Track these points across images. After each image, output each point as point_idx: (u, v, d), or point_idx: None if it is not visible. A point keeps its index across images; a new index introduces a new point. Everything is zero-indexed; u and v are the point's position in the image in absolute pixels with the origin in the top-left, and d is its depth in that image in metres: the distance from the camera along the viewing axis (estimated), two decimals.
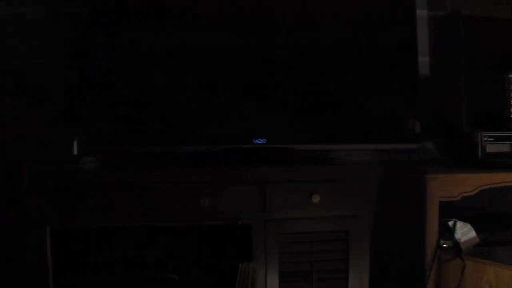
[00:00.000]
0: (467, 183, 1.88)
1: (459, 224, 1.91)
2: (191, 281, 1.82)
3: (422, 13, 2.25)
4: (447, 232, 1.90)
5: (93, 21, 1.87)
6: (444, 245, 1.88)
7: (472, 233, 1.90)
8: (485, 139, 1.95)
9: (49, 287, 1.75)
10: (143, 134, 1.88)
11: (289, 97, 1.94)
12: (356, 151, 2.16)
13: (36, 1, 2.12)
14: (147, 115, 1.89)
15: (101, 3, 1.87)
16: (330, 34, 1.97)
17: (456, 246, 1.88)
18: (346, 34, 1.97)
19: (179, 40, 1.90)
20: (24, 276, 1.73)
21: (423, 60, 2.24)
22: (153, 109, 1.89)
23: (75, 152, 1.77)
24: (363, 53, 1.98)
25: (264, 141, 1.89)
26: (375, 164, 2.11)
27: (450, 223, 1.91)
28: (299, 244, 1.83)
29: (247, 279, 1.76)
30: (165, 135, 1.89)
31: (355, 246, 1.84)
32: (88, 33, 1.87)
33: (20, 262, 1.73)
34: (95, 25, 1.87)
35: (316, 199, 1.80)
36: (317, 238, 1.83)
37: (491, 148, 1.95)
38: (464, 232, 1.90)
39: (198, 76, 1.91)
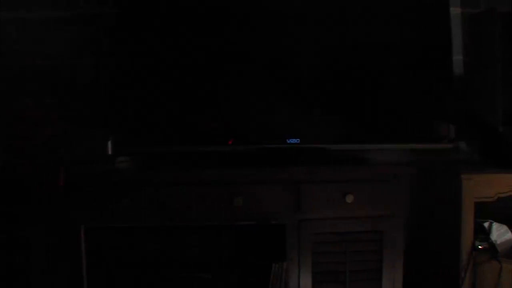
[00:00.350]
0: (504, 184, 1.85)
1: (495, 225, 1.88)
2: (224, 281, 1.82)
3: (455, 10, 2.21)
4: (483, 234, 1.88)
5: (125, 22, 1.87)
6: (480, 247, 1.85)
7: (509, 235, 1.87)
8: None
9: (83, 286, 1.75)
10: (177, 134, 1.88)
11: (323, 97, 1.92)
12: (388, 151, 2.13)
13: (72, 3, 2.13)
14: (181, 115, 1.89)
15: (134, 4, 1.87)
16: (363, 34, 1.95)
17: (492, 248, 1.85)
18: (380, 34, 1.95)
19: (212, 41, 1.89)
20: (59, 274, 1.74)
21: (457, 58, 2.20)
22: (187, 109, 1.89)
23: (110, 152, 1.77)
24: (396, 52, 1.96)
25: (297, 140, 1.88)
26: (407, 164, 2.08)
27: (486, 224, 1.88)
28: (332, 244, 1.81)
29: (280, 279, 1.76)
30: (199, 135, 1.88)
31: (389, 247, 1.82)
32: (122, 34, 1.87)
33: (55, 261, 1.75)
34: (128, 26, 1.87)
35: (350, 199, 1.78)
36: (350, 238, 1.81)
37: None
38: (501, 233, 1.87)
39: (232, 77, 1.91)
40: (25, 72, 2.13)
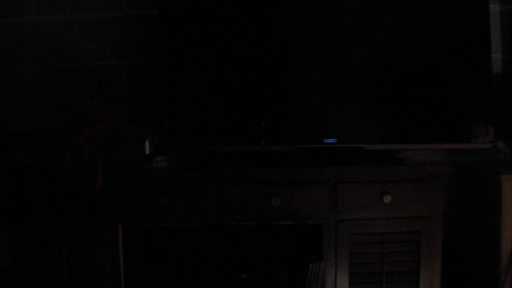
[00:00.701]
0: None
1: None
2: (260, 280, 1.81)
3: (494, 8, 2.17)
4: None
5: (166, 23, 1.88)
6: None
7: None
8: None
9: (121, 284, 1.77)
10: (214, 134, 1.88)
11: (360, 97, 1.90)
12: (425, 151, 2.10)
13: (118, 5, 2.16)
14: (218, 114, 1.89)
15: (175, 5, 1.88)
16: (402, 34, 1.92)
17: None
18: (418, 33, 1.92)
19: (251, 41, 1.89)
20: (96, 272, 1.76)
21: (496, 56, 2.16)
22: (225, 109, 1.89)
23: (147, 151, 1.78)
24: (434, 50, 1.93)
25: (335, 140, 1.86)
26: (444, 164, 2.04)
27: None
28: (369, 244, 1.79)
29: (317, 280, 1.75)
30: (236, 135, 1.88)
31: (427, 248, 1.79)
32: (163, 35, 1.88)
33: (92, 258, 1.76)
34: (168, 27, 1.88)
35: (387, 199, 1.77)
36: (387, 239, 1.79)
37: None
38: None
39: (269, 76, 1.90)
40: (74, 72, 2.17)
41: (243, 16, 1.89)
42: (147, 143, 1.77)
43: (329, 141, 1.87)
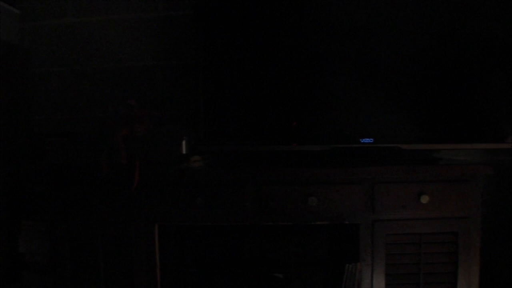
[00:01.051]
0: None
1: None
2: (296, 280, 1.80)
3: None
4: None
5: (200, 24, 1.89)
6: None
7: None
8: None
9: (157, 283, 1.77)
10: (249, 134, 1.88)
11: (396, 96, 1.89)
12: (462, 151, 2.08)
13: (153, 6, 2.18)
14: (253, 115, 1.89)
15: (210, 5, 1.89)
16: (437, 33, 1.90)
17: None
18: (455, 31, 1.90)
19: (287, 40, 1.89)
20: (132, 272, 1.77)
21: None
22: (259, 109, 1.89)
23: (184, 151, 1.79)
24: (471, 48, 1.90)
25: (371, 140, 1.85)
26: (482, 164, 2.01)
27: None
28: (406, 245, 1.77)
29: (353, 280, 1.73)
30: (272, 134, 1.88)
31: (464, 249, 1.77)
32: (197, 36, 1.89)
33: (128, 258, 1.77)
34: (202, 28, 1.89)
35: (425, 199, 1.75)
36: (424, 240, 1.77)
37: None
38: None
39: (305, 76, 1.89)
40: (109, 72, 2.20)
41: (278, 16, 1.89)
42: (183, 143, 1.78)
43: (365, 141, 1.85)
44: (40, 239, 2.00)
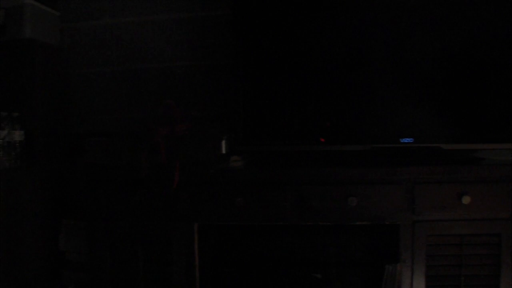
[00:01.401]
0: None
1: None
2: (335, 280, 1.79)
3: None
4: None
5: (238, 23, 1.90)
6: None
7: None
8: None
9: (196, 283, 1.78)
10: (288, 133, 1.88)
11: (436, 95, 1.86)
12: (504, 150, 2.04)
13: (190, 6, 2.20)
14: (292, 114, 1.89)
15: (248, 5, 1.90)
16: (478, 31, 1.87)
17: None
18: (494, 29, 1.86)
19: (326, 39, 1.89)
20: (171, 271, 1.78)
21: None
22: (298, 109, 1.89)
23: (224, 151, 1.80)
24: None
25: (411, 140, 1.83)
26: None
27: None
28: (447, 246, 1.75)
29: (393, 281, 1.71)
30: (310, 134, 1.87)
31: (507, 251, 1.73)
32: (234, 36, 1.90)
33: (168, 257, 1.78)
34: (241, 28, 1.90)
35: (466, 200, 1.72)
36: (466, 241, 1.74)
37: None
38: None
39: (345, 75, 1.89)
40: (147, 73, 2.23)
41: (318, 15, 1.88)
42: (223, 143, 1.79)
43: (405, 141, 1.83)
44: (80, 238, 2.03)
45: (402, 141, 1.83)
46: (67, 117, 2.33)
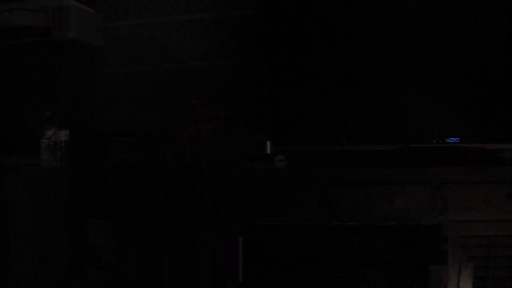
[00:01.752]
0: None
1: None
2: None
3: None
4: None
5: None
6: None
7: None
8: None
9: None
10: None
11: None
12: None
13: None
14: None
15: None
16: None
17: None
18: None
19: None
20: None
21: None
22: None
23: (268, 151, 1.81)
24: None
25: (457, 139, 1.83)
26: None
27: None
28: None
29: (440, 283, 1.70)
30: (347, 134, 1.86)
31: None
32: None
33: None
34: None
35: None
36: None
37: None
38: None
39: (381, 74, 1.88)
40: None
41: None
42: (268, 143, 1.79)
43: (451, 140, 1.83)
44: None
45: (448, 140, 1.84)
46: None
